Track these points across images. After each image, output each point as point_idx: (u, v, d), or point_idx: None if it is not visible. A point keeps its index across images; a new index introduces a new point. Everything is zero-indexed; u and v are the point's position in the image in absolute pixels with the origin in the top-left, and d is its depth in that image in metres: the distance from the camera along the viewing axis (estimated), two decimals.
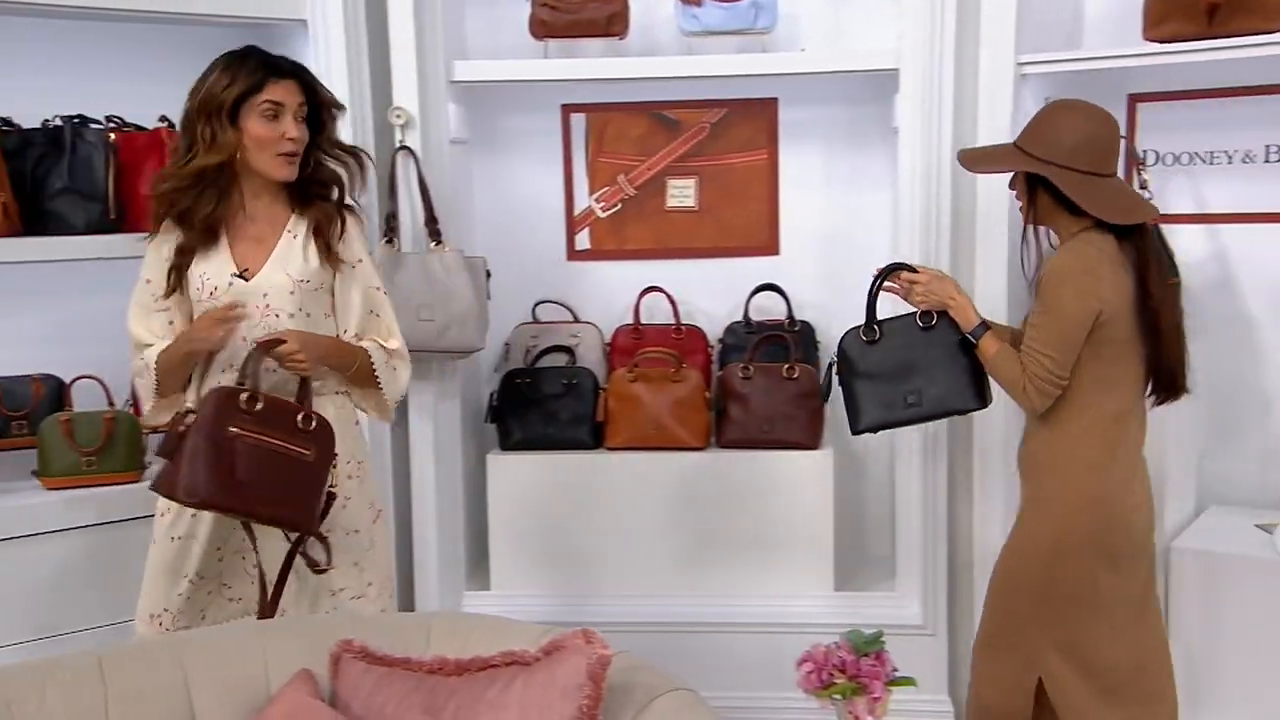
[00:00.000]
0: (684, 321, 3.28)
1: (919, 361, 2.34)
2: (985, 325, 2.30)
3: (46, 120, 2.65)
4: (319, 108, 2.18)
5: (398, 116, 2.92)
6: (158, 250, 2.13)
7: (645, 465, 3.08)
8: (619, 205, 3.36)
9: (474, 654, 1.82)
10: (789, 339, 3.15)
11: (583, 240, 3.38)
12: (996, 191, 2.85)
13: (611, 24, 3.00)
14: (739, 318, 3.27)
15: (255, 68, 2.08)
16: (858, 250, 3.30)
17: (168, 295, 2.12)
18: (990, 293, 2.90)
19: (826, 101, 3.28)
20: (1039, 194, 2.24)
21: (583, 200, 3.37)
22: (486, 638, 1.91)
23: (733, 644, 3.05)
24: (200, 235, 2.10)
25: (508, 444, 3.16)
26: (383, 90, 2.95)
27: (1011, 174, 2.35)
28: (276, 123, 2.07)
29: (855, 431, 2.44)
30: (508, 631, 1.93)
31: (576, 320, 3.33)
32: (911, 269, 2.44)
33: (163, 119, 2.72)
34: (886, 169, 3.25)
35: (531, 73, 3.04)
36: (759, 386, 3.09)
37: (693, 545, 3.09)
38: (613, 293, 3.35)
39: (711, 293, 3.35)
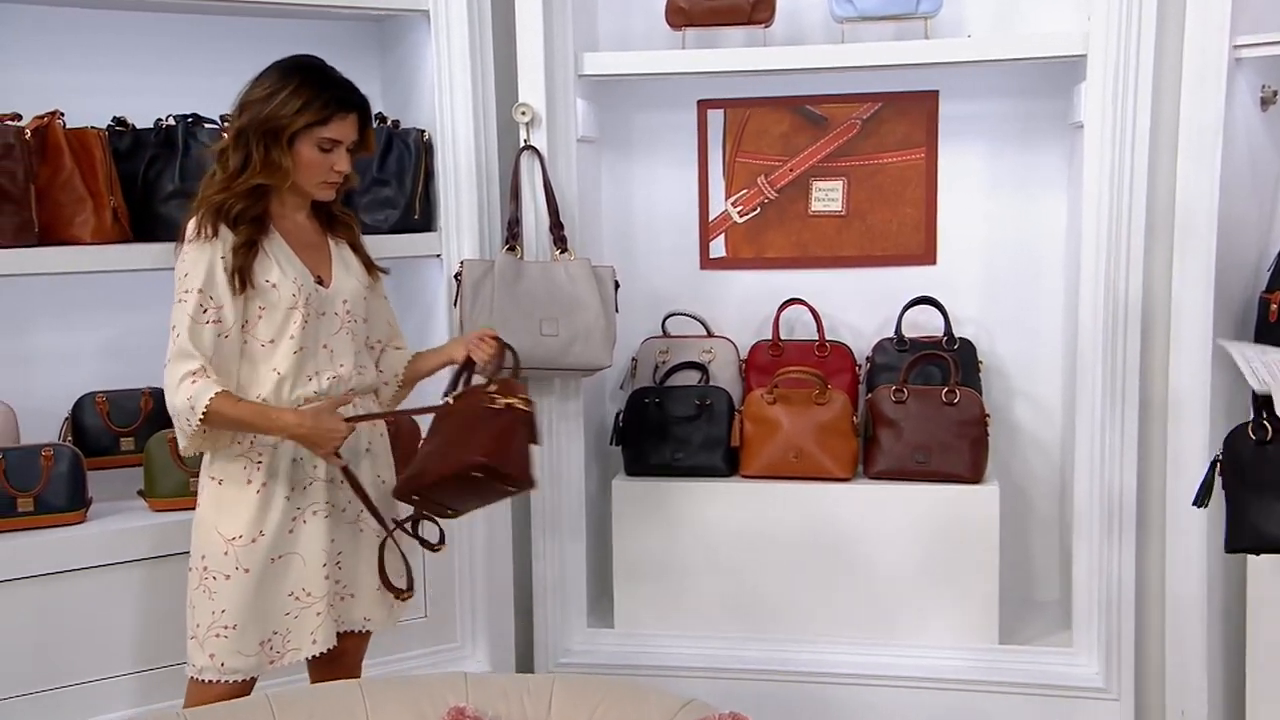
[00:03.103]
0: (828, 338, 2.99)
1: None
2: None
3: (160, 120, 2.52)
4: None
5: (523, 114, 2.70)
6: (210, 257, 1.97)
7: (784, 496, 2.80)
8: (758, 209, 3.09)
9: None
10: (947, 359, 2.83)
11: (718, 247, 3.12)
12: (1199, 197, 2.48)
13: (757, 11, 2.73)
14: (890, 334, 2.97)
15: (326, 102, 2.00)
16: (1026, 261, 2.98)
17: (239, 294, 1.98)
18: (1190, 313, 2.53)
19: (993, 94, 2.95)
20: None
21: (718, 204, 3.10)
22: (616, 709, 1.67)
23: (882, 699, 2.74)
24: (253, 229, 2.01)
25: (634, 469, 2.92)
26: (507, 85, 2.74)
27: None
28: (329, 155, 2.03)
29: (1228, 549, 2.03)
30: (641, 702, 1.68)
31: (710, 334, 3.07)
32: None
33: None
34: (1060, 170, 2.91)
35: (668, 65, 2.79)
36: (914, 412, 2.78)
37: (837, 586, 2.79)
38: (750, 305, 3.09)
39: (859, 306, 3.05)
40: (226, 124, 2.52)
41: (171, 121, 2.51)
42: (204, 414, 1.90)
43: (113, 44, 2.66)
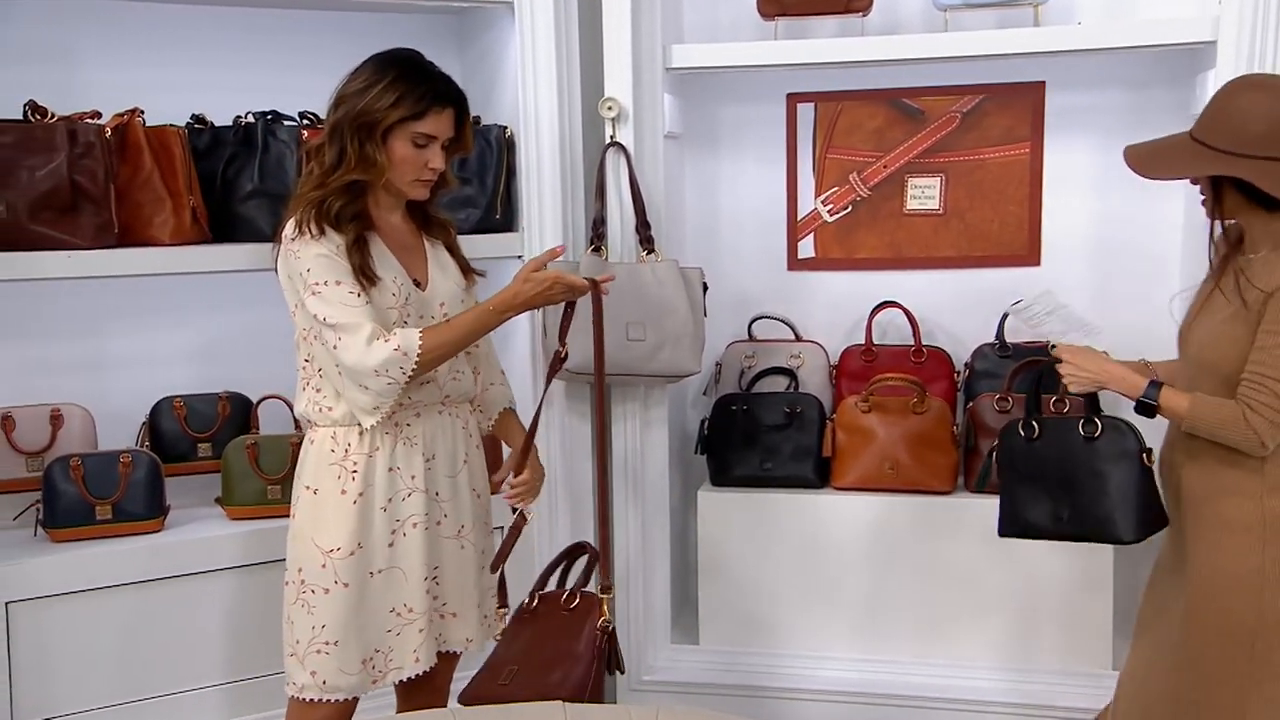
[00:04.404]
0: (925, 343, 2.84)
1: (1078, 475, 2.02)
2: (1156, 383, 1.93)
3: (239, 117, 2.46)
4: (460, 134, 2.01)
5: (609, 109, 2.60)
6: (322, 250, 1.88)
7: (879, 510, 2.67)
8: (849, 208, 2.95)
9: None
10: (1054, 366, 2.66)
11: (806, 247, 2.98)
12: None
13: None
14: (991, 339, 2.81)
15: (422, 95, 1.91)
16: (1137, 261, 2.81)
17: (364, 292, 1.89)
18: None
19: (1104, 84, 2.78)
20: (1225, 190, 1.89)
21: (807, 202, 2.97)
22: None
23: None
24: (358, 227, 1.93)
25: (721, 479, 2.80)
26: (593, 79, 2.64)
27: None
28: (423, 151, 1.95)
29: (1001, 533, 2.13)
30: None
31: (799, 339, 2.94)
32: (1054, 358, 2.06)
33: None
34: None
35: (761, 57, 2.66)
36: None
37: (936, 605, 2.65)
38: (840, 308, 2.96)
39: (957, 309, 2.91)
40: (308, 121, 2.47)
41: (250, 119, 2.45)
42: (420, 351, 1.85)
43: (190, 40, 2.62)
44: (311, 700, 1.93)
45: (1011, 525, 2.11)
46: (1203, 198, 1.94)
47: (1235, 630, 1.88)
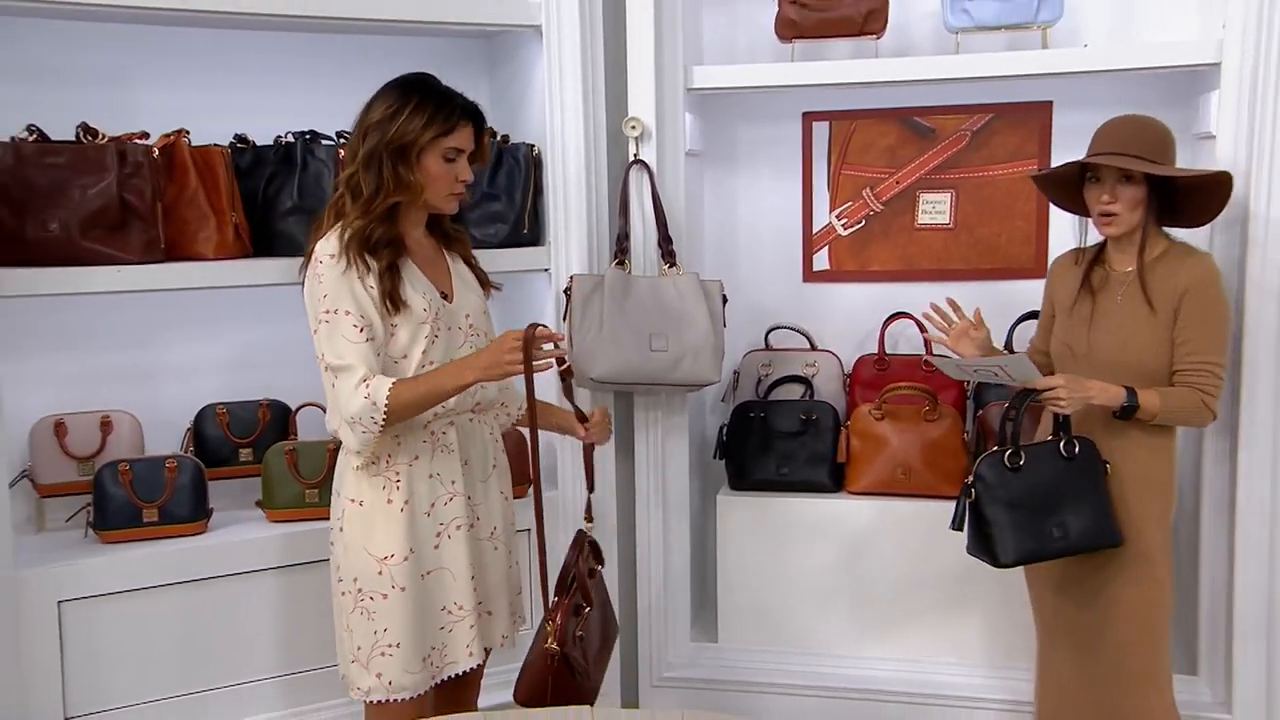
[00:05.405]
0: (936, 353, 2.93)
1: (1064, 493, 2.18)
2: (1132, 390, 2.16)
3: (279, 137, 2.56)
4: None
5: (633, 128, 2.70)
6: (353, 284, 1.95)
7: (892, 514, 2.77)
8: (863, 222, 3.05)
9: None
10: None
11: (821, 260, 3.09)
12: None
13: (869, 22, 2.70)
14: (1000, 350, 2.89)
15: (450, 112, 2.01)
16: None
17: (393, 315, 1.98)
18: None
19: (1109, 104, 2.81)
20: (1151, 201, 2.19)
21: (822, 216, 3.07)
22: None
23: None
24: (392, 252, 2.01)
25: (738, 484, 2.90)
26: (617, 99, 2.74)
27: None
28: (454, 165, 2.04)
29: (1001, 565, 2.20)
30: None
31: (813, 348, 3.04)
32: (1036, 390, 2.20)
33: None
34: None
35: (778, 78, 2.76)
36: (1028, 430, 2.70)
37: (949, 606, 2.75)
38: (854, 318, 3.06)
39: None
40: (344, 140, 2.56)
41: (290, 138, 2.55)
42: (386, 406, 1.90)
43: (233, 63, 2.71)
44: (380, 701, 2.01)
45: (1017, 554, 2.16)
46: (1111, 213, 2.17)
47: (1162, 587, 2.21)
